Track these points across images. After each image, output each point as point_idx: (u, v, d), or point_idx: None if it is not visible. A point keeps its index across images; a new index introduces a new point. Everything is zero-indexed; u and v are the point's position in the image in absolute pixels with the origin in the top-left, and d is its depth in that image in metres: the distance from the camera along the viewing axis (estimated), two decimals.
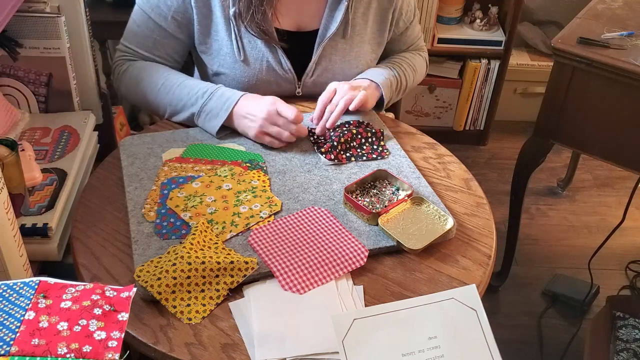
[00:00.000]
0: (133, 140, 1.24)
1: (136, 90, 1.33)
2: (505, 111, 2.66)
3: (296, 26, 1.34)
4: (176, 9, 1.28)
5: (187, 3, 1.27)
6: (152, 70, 1.32)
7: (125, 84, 1.35)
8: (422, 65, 1.53)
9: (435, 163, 1.26)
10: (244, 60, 1.31)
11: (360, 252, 1.00)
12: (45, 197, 1.13)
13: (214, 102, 1.25)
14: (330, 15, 1.31)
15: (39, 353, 0.63)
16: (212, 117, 1.24)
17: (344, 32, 1.33)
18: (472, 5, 2.47)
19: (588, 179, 2.54)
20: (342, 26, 1.32)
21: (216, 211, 1.06)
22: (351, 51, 1.36)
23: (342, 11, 1.29)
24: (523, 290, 2.04)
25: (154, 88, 1.30)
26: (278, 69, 1.32)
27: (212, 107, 1.24)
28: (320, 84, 1.35)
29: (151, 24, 1.30)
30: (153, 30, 1.31)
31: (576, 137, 1.66)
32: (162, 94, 1.29)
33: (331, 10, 1.31)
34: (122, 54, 1.36)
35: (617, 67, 1.47)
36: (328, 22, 1.32)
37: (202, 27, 1.30)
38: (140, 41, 1.33)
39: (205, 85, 1.28)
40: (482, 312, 0.85)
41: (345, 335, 0.82)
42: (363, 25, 1.35)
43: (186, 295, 0.93)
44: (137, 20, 1.32)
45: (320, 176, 1.17)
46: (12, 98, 1.33)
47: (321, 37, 1.33)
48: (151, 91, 1.30)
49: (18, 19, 1.24)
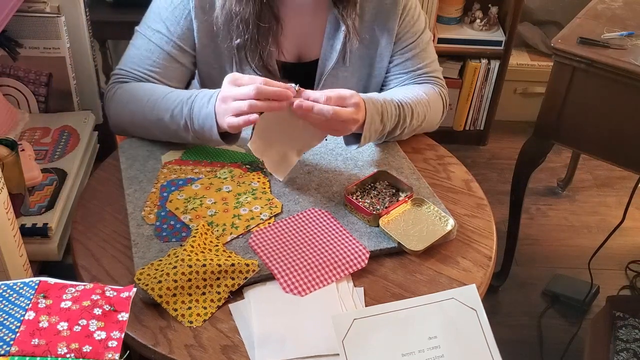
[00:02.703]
0: (132, 142, 1.23)
1: (123, 112, 1.21)
2: (505, 111, 2.66)
3: (297, 57, 1.30)
4: (179, 35, 1.21)
5: (191, 31, 1.22)
6: (140, 89, 1.20)
7: (113, 108, 1.23)
8: (435, 101, 1.29)
9: (436, 164, 1.25)
10: None
11: (362, 253, 1.00)
12: (45, 197, 1.13)
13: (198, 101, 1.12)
14: (329, 45, 1.26)
15: (39, 353, 0.63)
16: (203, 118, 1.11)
17: (343, 59, 1.27)
18: (472, 5, 2.47)
19: (588, 179, 2.54)
20: (341, 54, 1.26)
21: (216, 213, 1.06)
22: (352, 77, 1.31)
23: (340, 40, 1.24)
24: (523, 290, 2.04)
25: (142, 105, 1.18)
26: None
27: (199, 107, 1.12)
28: None
29: (152, 46, 1.21)
30: (153, 52, 1.21)
31: (576, 137, 1.66)
32: (148, 110, 1.17)
33: (329, 39, 1.26)
34: (113, 79, 1.25)
35: (617, 67, 1.47)
36: (328, 53, 1.27)
37: (206, 55, 1.24)
38: (137, 63, 1.22)
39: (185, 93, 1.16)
40: (482, 312, 0.85)
41: (345, 335, 0.82)
42: (364, 52, 1.28)
43: (187, 298, 0.92)
44: (136, 45, 1.23)
45: (321, 178, 1.17)
46: (12, 98, 1.33)
47: (322, 68, 1.28)
48: (140, 109, 1.18)
49: (18, 19, 1.24)
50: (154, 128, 1.18)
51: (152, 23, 1.22)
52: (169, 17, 1.21)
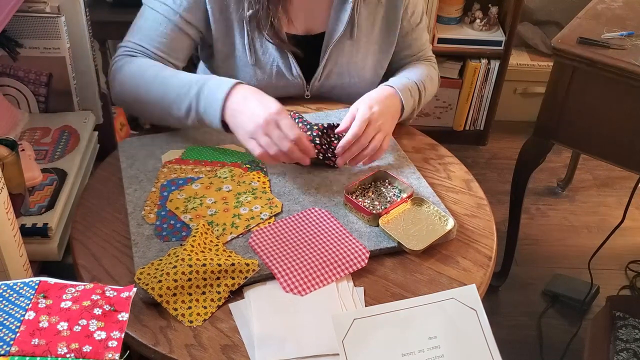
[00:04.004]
0: (132, 141, 1.23)
1: (129, 86, 1.23)
2: (505, 111, 2.66)
3: (304, 30, 1.33)
4: (186, 8, 1.24)
5: (201, 4, 1.24)
6: (149, 64, 1.23)
7: (119, 81, 1.24)
8: (434, 76, 1.44)
9: (436, 164, 1.26)
10: (255, 64, 1.30)
11: (362, 253, 1.00)
12: (45, 197, 1.13)
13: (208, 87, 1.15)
14: (336, 17, 1.30)
15: (39, 353, 0.63)
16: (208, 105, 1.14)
17: (350, 33, 1.31)
18: (472, 5, 2.47)
19: (588, 179, 2.54)
20: (348, 27, 1.30)
21: (216, 213, 1.06)
22: (358, 52, 1.35)
23: (347, 12, 1.28)
24: (523, 290, 2.04)
25: (147, 81, 1.20)
26: (288, 74, 1.32)
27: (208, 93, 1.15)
28: (327, 86, 1.35)
29: (159, 17, 1.24)
30: (160, 23, 1.24)
31: (576, 137, 1.66)
32: (155, 86, 1.19)
33: (336, 12, 1.30)
34: (120, 51, 1.27)
35: (617, 67, 1.47)
36: (334, 25, 1.31)
37: (218, 28, 1.27)
38: (144, 33, 1.25)
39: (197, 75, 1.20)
40: (482, 312, 0.85)
41: (345, 335, 0.82)
42: (370, 27, 1.34)
43: (187, 298, 0.92)
44: (143, 16, 1.26)
45: (321, 177, 1.17)
46: (12, 98, 1.32)
47: (328, 39, 1.32)
48: (144, 84, 1.21)
49: (18, 19, 1.23)
50: (156, 105, 1.20)
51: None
52: None
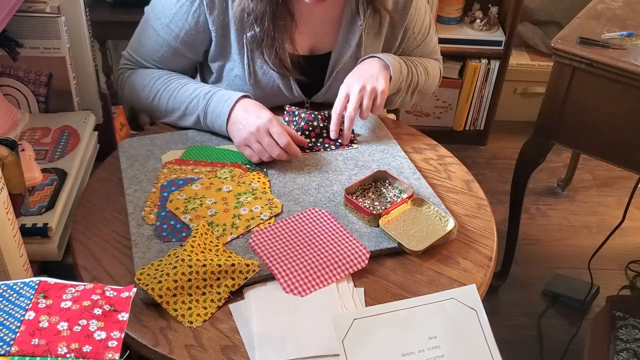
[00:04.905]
0: (132, 142, 1.23)
1: (139, 98, 1.31)
2: (505, 111, 2.66)
3: (308, 50, 1.32)
4: (187, 30, 1.25)
5: (202, 26, 1.25)
6: (155, 76, 1.30)
7: (128, 91, 1.34)
8: (435, 69, 1.46)
9: (436, 164, 1.25)
10: (254, 84, 1.30)
11: (362, 253, 1.00)
12: (45, 197, 1.13)
13: (214, 102, 1.23)
14: (344, 40, 1.29)
15: (39, 353, 0.63)
16: (216, 117, 1.23)
17: (356, 55, 1.31)
18: (472, 5, 2.47)
19: (588, 179, 2.54)
20: (356, 49, 1.30)
21: (216, 213, 1.06)
22: None
23: (356, 34, 1.28)
24: (523, 290, 2.04)
25: (156, 94, 1.28)
26: (288, 94, 1.32)
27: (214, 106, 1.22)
28: (329, 99, 1.33)
29: (160, 40, 1.28)
30: (162, 45, 1.28)
31: (576, 137, 1.66)
32: (163, 100, 1.28)
33: (345, 34, 1.29)
34: (126, 62, 1.35)
35: (617, 67, 1.47)
36: (342, 47, 1.30)
37: (218, 48, 1.28)
38: (146, 53, 1.31)
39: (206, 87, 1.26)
40: (482, 312, 0.85)
41: (345, 335, 0.82)
42: (376, 47, 1.34)
43: (187, 299, 0.92)
44: (145, 33, 1.30)
45: (321, 177, 1.17)
46: (12, 98, 1.32)
47: (335, 62, 1.31)
48: (154, 97, 1.29)
49: (18, 19, 1.23)
50: (166, 115, 1.30)
51: (161, 15, 1.26)
52: (178, 12, 1.24)
